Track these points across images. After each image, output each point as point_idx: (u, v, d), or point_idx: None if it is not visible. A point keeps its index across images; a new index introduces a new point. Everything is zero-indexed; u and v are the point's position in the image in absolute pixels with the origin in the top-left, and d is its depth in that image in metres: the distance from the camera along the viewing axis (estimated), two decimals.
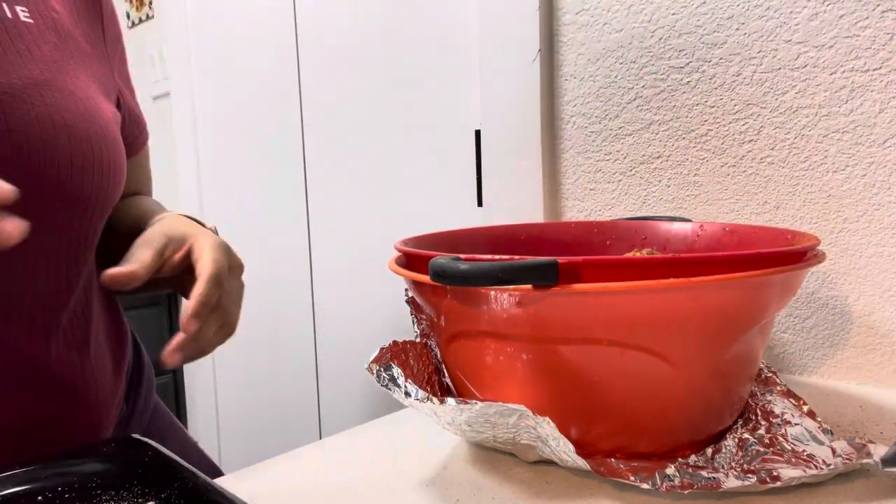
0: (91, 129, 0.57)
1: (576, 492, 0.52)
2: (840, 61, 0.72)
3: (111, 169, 0.59)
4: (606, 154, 0.90)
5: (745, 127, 0.79)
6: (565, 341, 0.51)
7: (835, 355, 0.76)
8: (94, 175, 0.57)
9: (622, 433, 0.54)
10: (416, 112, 1.22)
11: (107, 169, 0.58)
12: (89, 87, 0.60)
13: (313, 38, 1.39)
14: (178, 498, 0.47)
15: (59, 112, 0.55)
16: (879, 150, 0.71)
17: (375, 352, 0.60)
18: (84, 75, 0.60)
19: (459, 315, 0.56)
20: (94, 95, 0.60)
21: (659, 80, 0.84)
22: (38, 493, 0.48)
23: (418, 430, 0.64)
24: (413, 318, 0.69)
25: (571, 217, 0.94)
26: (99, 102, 0.61)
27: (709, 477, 0.48)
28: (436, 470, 0.56)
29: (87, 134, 0.56)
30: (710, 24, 0.80)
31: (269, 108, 1.51)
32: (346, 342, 1.43)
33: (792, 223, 0.77)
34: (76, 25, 0.63)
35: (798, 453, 0.52)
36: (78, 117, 0.56)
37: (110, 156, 0.59)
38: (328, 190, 1.41)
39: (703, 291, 0.49)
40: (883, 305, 0.72)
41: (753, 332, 0.54)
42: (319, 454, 0.61)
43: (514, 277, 0.47)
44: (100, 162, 0.57)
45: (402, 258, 0.61)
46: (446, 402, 0.51)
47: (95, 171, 0.57)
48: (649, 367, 0.51)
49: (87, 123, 0.57)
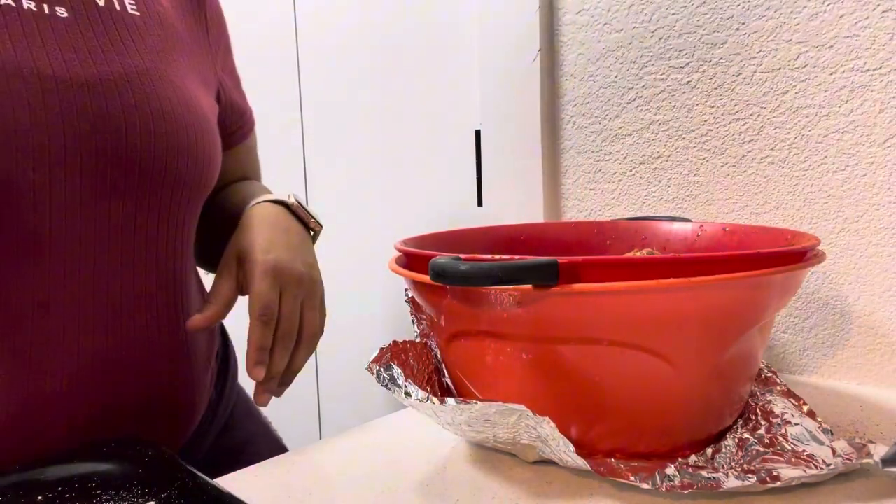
0: (189, 118, 0.59)
1: (576, 492, 0.52)
2: (840, 61, 0.72)
3: (205, 157, 0.61)
4: (606, 154, 0.90)
5: (745, 127, 0.79)
6: (565, 341, 0.51)
7: (835, 355, 0.76)
8: (188, 161, 0.59)
9: (622, 433, 0.54)
10: (416, 112, 1.22)
11: (201, 157, 0.61)
12: (189, 78, 0.62)
13: (313, 38, 1.39)
14: (178, 498, 0.47)
15: (158, 100, 0.57)
16: (879, 150, 0.71)
17: (375, 352, 0.60)
18: (185, 67, 0.63)
19: (459, 315, 0.56)
20: (194, 86, 0.62)
21: (659, 80, 0.84)
22: (38, 493, 0.47)
23: (418, 430, 0.64)
24: (413, 318, 0.69)
25: (571, 217, 0.94)
26: (198, 94, 0.63)
27: (709, 477, 0.48)
28: (436, 470, 0.56)
29: (184, 122, 0.59)
30: (710, 24, 0.80)
31: (268, 108, 1.51)
32: (346, 342, 1.43)
33: (792, 223, 0.77)
34: (181, 19, 0.66)
35: (798, 453, 0.52)
36: (177, 106, 0.58)
37: (205, 144, 0.61)
38: (328, 190, 1.41)
39: (704, 291, 0.49)
40: (883, 305, 0.72)
41: (753, 332, 0.54)
42: (319, 454, 0.61)
43: (514, 277, 0.47)
44: (195, 149, 0.60)
45: (402, 258, 0.61)
46: (446, 402, 0.51)
47: (191, 158, 0.59)
48: (649, 366, 0.51)
49: (185, 112, 0.59)
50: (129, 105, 0.56)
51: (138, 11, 0.61)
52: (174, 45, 0.63)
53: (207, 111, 0.64)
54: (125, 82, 0.56)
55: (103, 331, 0.57)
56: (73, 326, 0.55)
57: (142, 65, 0.58)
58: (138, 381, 0.60)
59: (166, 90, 0.58)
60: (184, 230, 0.63)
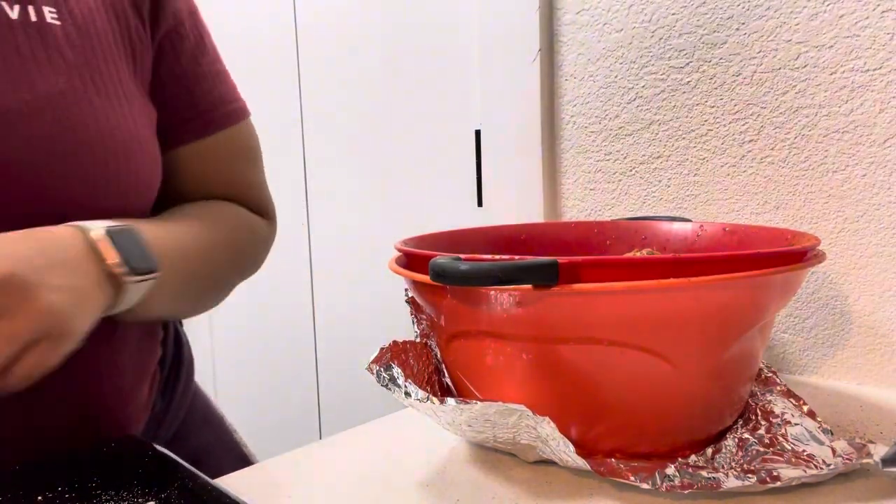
0: (110, 142, 0.54)
1: (576, 492, 0.52)
2: (840, 61, 0.72)
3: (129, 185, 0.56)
4: (606, 154, 0.90)
5: (745, 127, 0.79)
6: (565, 341, 0.51)
7: (835, 355, 0.76)
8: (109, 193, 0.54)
9: (622, 433, 0.54)
10: (416, 112, 1.22)
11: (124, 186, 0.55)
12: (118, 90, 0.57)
13: (313, 37, 1.39)
14: (178, 498, 0.47)
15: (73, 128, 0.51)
16: (879, 150, 0.71)
17: (375, 352, 0.60)
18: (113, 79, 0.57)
19: (459, 315, 0.56)
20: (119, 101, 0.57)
21: (659, 80, 0.84)
22: (39, 493, 0.48)
23: (418, 430, 0.64)
24: (413, 318, 0.69)
25: (571, 217, 0.94)
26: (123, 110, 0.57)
27: (709, 477, 0.48)
28: (436, 470, 0.56)
29: (104, 148, 0.53)
30: (710, 24, 0.80)
31: (268, 108, 1.51)
32: (346, 342, 1.43)
33: (792, 223, 0.77)
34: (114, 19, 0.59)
35: (798, 453, 0.52)
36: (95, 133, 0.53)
37: (129, 172, 0.56)
38: (328, 190, 1.41)
39: (704, 291, 0.49)
40: (883, 305, 0.72)
41: (753, 332, 0.54)
42: (319, 454, 0.61)
43: (514, 277, 0.47)
44: (116, 180, 0.54)
45: (402, 258, 0.61)
46: (446, 402, 0.51)
47: (111, 190, 0.54)
48: (649, 366, 0.51)
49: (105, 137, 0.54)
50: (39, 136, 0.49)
51: (59, 20, 0.53)
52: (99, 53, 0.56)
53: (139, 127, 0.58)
54: (36, 111, 0.50)
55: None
56: None
57: (56, 86, 0.51)
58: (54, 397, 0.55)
59: (84, 115, 0.52)
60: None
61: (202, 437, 0.72)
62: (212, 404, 0.79)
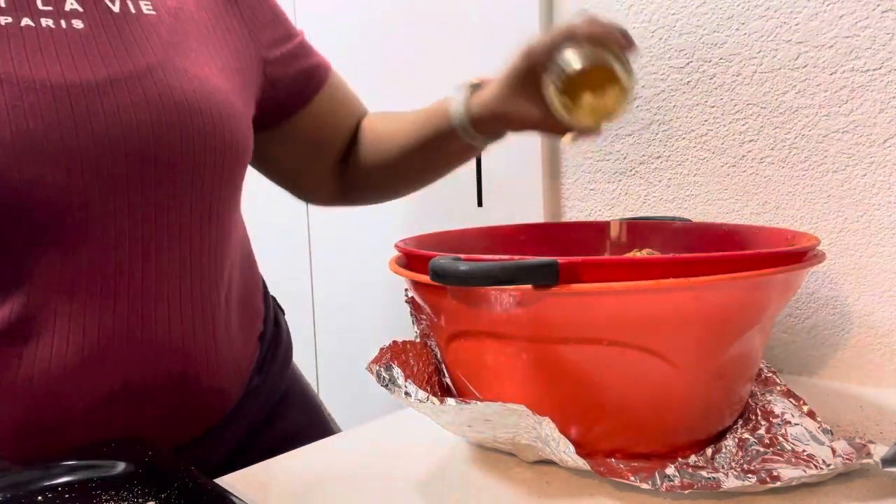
0: (205, 104, 0.61)
1: (576, 492, 0.52)
2: (840, 61, 0.72)
3: (225, 142, 0.62)
4: (606, 154, 0.90)
5: (745, 127, 0.79)
6: (565, 341, 0.51)
7: (835, 355, 0.76)
8: (206, 147, 0.60)
9: (622, 433, 0.54)
10: None
11: (220, 142, 0.62)
12: (210, 65, 0.64)
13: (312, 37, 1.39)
14: (178, 498, 0.47)
15: (170, 91, 0.59)
16: (879, 150, 0.71)
17: (375, 352, 0.60)
18: (204, 55, 0.64)
19: (459, 315, 0.56)
20: (213, 73, 0.64)
21: (659, 80, 0.84)
22: (38, 493, 0.48)
23: (418, 430, 0.64)
24: (413, 318, 0.69)
25: (571, 217, 0.94)
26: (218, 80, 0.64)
27: (709, 477, 0.48)
28: (436, 470, 0.56)
29: (199, 109, 0.60)
30: (710, 24, 0.80)
31: None
32: (346, 342, 1.43)
33: (792, 223, 0.77)
34: (203, 9, 0.67)
35: (798, 453, 0.52)
36: (191, 94, 0.60)
37: (224, 130, 0.62)
38: None
39: (704, 291, 0.49)
40: (883, 305, 0.72)
41: (753, 332, 0.54)
42: (319, 454, 0.61)
43: (514, 277, 0.47)
44: (213, 136, 0.61)
45: (402, 258, 0.61)
46: (446, 402, 0.51)
47: (208, 144, 0.61)
48: (649, 367, 0.51)
49: (201, 99, 0.60)
50: (140, 100, 0.57)
51: (154, 10, 0.63)
52: (191, 35, 0.64)
53: (231, 96, 0.65)
54: (135, 79, 0.58)
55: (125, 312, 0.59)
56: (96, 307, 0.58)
57: (153, 59, 0.60)
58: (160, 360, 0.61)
59: (180, 80, 0.60)
60: (211, 218, 0.63)
61: (299, 419, 0.77)
62: (311, 391, 0.83)
